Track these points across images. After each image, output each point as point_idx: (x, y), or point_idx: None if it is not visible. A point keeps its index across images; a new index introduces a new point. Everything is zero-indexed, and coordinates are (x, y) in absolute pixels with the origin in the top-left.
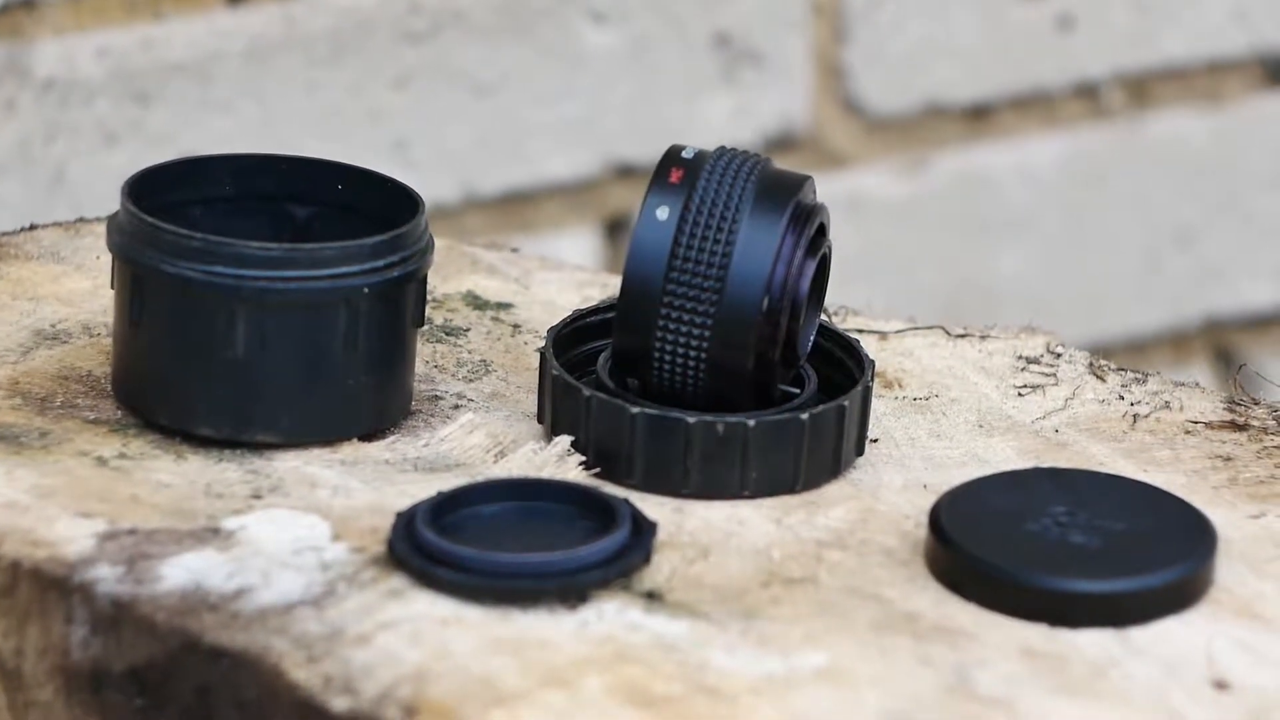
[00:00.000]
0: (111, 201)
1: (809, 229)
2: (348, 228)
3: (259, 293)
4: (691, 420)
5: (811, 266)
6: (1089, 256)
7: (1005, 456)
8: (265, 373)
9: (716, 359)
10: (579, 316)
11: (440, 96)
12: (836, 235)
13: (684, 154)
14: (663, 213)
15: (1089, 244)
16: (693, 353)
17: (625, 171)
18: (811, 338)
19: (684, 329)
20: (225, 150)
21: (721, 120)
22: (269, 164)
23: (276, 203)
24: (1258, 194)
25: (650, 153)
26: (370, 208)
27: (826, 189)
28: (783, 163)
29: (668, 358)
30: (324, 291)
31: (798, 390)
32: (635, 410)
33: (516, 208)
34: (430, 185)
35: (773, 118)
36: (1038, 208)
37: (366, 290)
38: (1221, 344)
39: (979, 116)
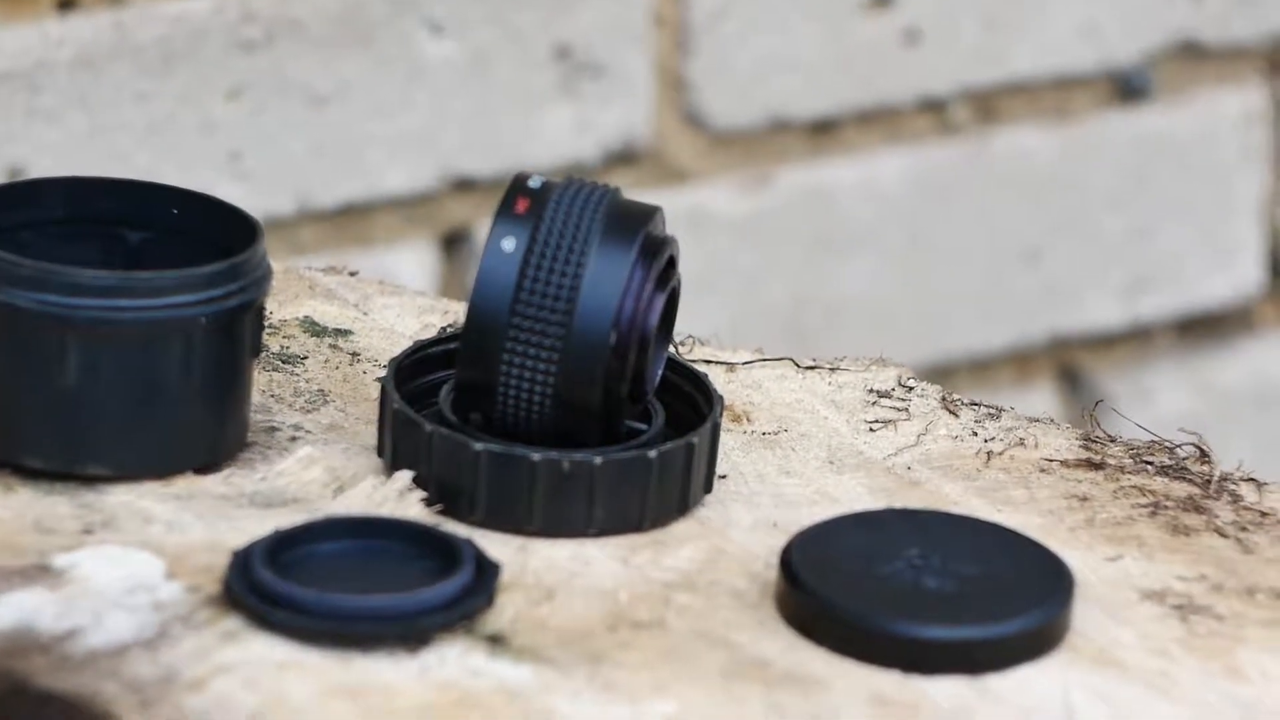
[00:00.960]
0: None
1: (658, 262)
2: (181, 253)
3: (92, 322)
4: (536, 457)
5: (661, 300)
6: (934, 273)
7: (857, 495)
8: (97, 404)
9: (563, 394)
10: (420, 347)
11: (275, 107)
12: (683, 249)
13: (530, 183)
14: (509, 244)
15: (934, 261)
16: (538, 388)
17: (464, 185)
18: (660, 372)
19: (530, 363)
20: (53, 162)
21: (562, 133)
22: (102, 187)
23: (109, 227)
24: (1104, 212)
25: (490, 167)
26: (205, 232)
27: (668, 204)
28: (624, 178)
29: (512, 392)
30: (159, 322)
31: (644, 426)
32: (478, 447)
33: (353, 221)
34: (265, 198)
35: (614, 131)
36: (882, 224)
37: (204, 321)
38: (1066, 362)
39: (823, 131)
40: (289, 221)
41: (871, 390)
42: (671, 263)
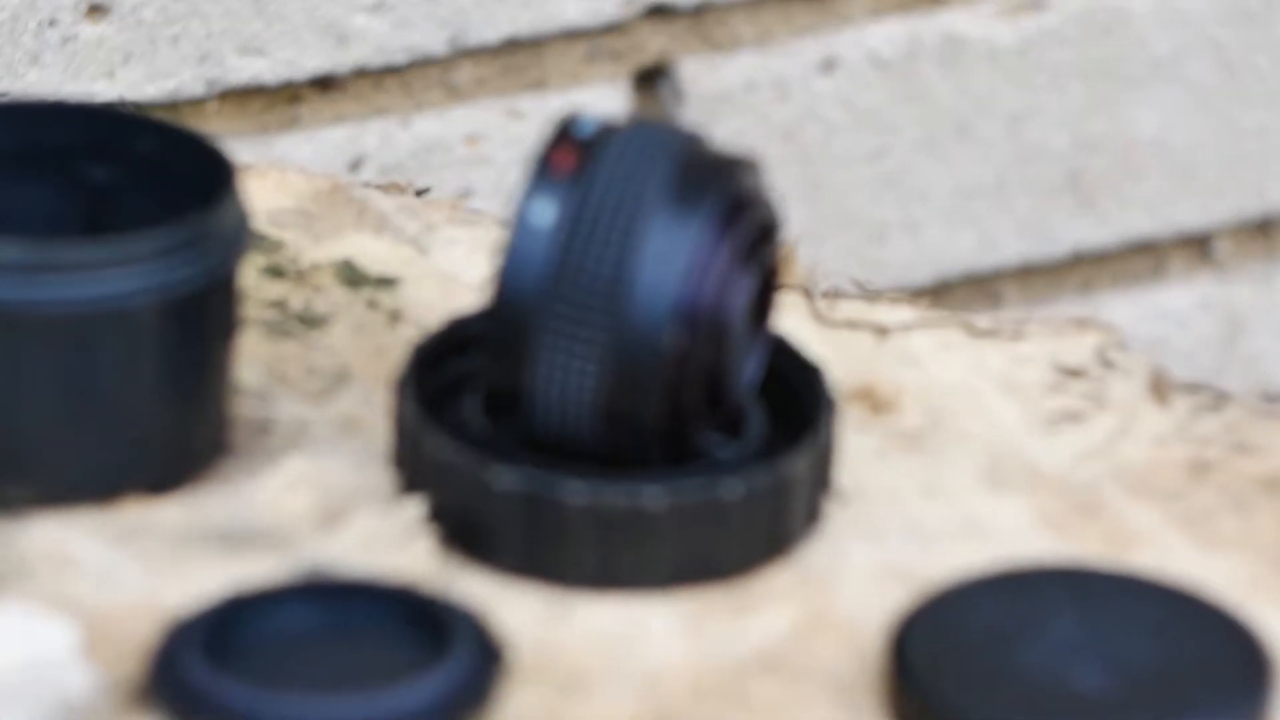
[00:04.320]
0: None
1: (745, 231)
2: (156, 196)
3: (2, 310)
4: (573, 499)
5: (745, 281)
6: (1249, 110)
7: (1016, 525)
8: (14, 414)
9: (610, 406)
10: (455, 326)
11: None
12: (930, 87)
13: (578, 130)
14: (544, 214)
15: (1249, 95)
16: (583, 397)
17: (659, 13)
18: (753, 371)
19: (570, 367)
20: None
21: None
22: (60, 114)
23: (69, 161)
24: None
25: None
26: (184, 171)
27: (915, 31)
28: (859, 9)
29: (553, 403)
30: (90, 308)
31: (728, 439)
32: (503, 477)
33: (522, 59)
34: (410, 32)
35: None
36: (1185, 52)
37: (150, 304)
38: None
39: None
40: (440, 61)
41: (1060, 367)
42: (767, 233)
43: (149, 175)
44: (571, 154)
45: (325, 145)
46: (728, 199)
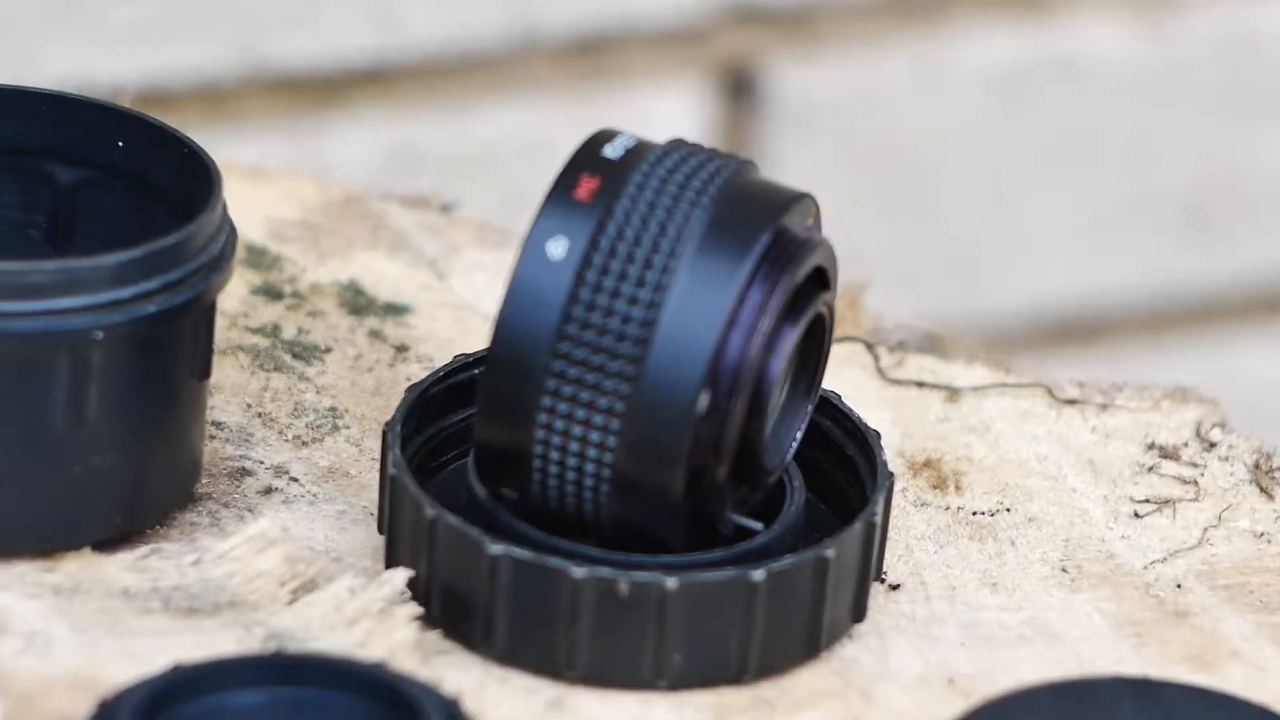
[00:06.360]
0: None
1: (791, 277)
2: (129, 203)
3: None
4: (578, 573)
5: (791, 337)
6: None
7: (1089, 628)
8: None
9: (626, 475)
10: (459, 368)
11: None
12: (1051, 105)
13: (607, 149)
14: (558, 247)
15: None
16: (590, 464)
17: (747, 11)
18: (793, 441)
19: (578, 427)
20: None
21: None
22: (22, 103)
23: (32, 159)
24: None
25: None
26: (161, 177)
27: (1032, 47)
28: (969, 14)
29: (554, 467)
30: (33, 336)
31: (757, 525)
32: (495, 550)
33: (594, 55)
34: (479, 22)
35: None
36: None
37: (100, 335)
38: None
39: None
40: (508, 57)
41: (1153, 445)
42: (820, 279)
43: (124, 179)
44: (596, 175)
45: (370, 142)
46: (774, 239)
